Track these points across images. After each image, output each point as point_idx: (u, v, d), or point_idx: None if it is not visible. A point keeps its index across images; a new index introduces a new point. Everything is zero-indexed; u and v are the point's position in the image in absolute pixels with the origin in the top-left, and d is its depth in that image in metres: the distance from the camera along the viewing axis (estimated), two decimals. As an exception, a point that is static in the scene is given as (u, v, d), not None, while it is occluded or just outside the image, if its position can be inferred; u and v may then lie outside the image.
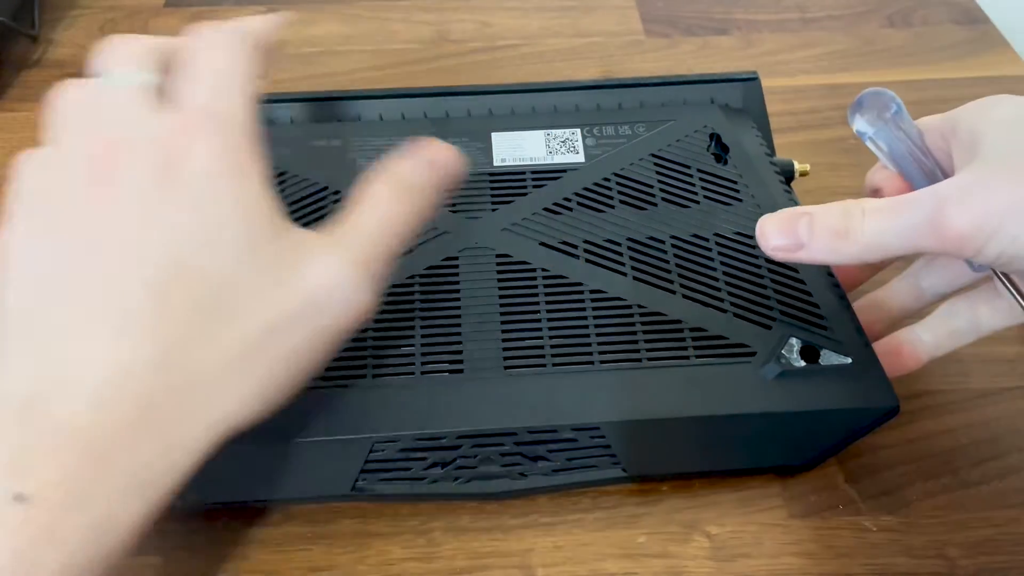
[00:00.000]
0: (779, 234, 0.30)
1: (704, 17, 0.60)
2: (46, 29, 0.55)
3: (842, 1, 0.62)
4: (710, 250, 0.36)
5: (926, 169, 0.32)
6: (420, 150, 0.29)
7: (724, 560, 0.34)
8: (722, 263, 0.35)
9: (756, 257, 0.36)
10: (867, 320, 0.36)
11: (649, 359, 0.33)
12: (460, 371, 0.32)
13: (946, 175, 0.32)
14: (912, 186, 0.33)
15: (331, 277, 0.26)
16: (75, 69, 0.53)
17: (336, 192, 0.38)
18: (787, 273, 0.35)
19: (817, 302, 0.34)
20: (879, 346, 0.35)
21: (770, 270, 0.35)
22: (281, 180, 0.38)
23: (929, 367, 0.36)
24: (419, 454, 0.32)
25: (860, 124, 0.33)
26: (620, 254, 0.36)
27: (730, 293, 0.34)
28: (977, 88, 0.54)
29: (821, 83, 0.55)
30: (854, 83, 0.55)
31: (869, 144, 0.34)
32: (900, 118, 0.33)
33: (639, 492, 0.36)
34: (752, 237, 0.35)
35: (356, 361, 0.33)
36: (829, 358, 0.32)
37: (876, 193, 0.34)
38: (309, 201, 0.37)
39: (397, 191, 0.28)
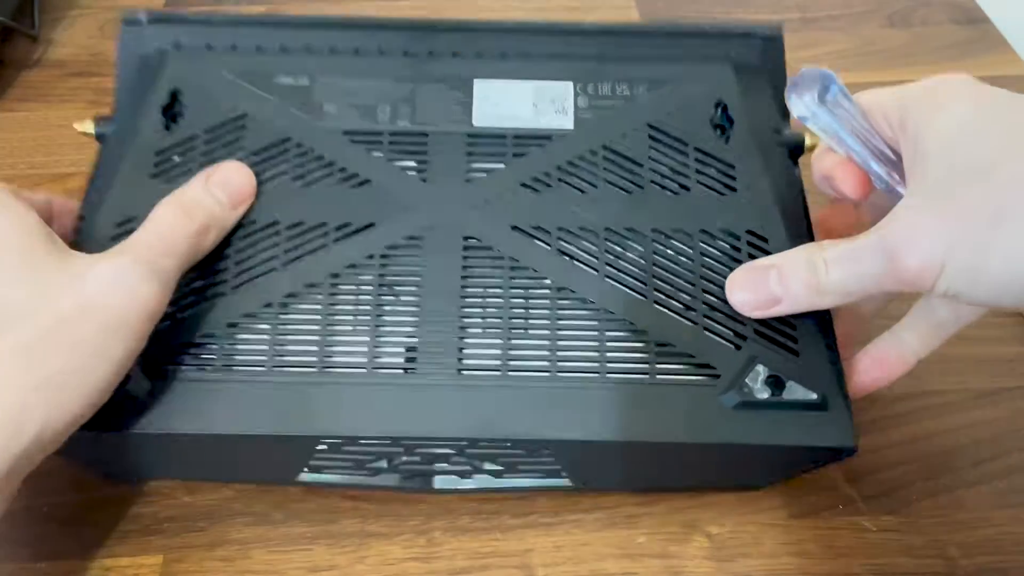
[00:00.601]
0: (751, 292, 0.31)
1: (704, 17, 0.60)
2: (46, 29, 0.55)
3: (842, 1, 0.62)
4: (691, 250, 0.33)
5: (873, 149, 0.31)
6: (210, 174, 0.33)
7: (724, 560, 0.34)
8: (702, 266, 0.33)
9: (738, 262, 0.32)
10: (844, 328, 0.34)
11: (609, 372, 0.31)
12: (413, 370, 0.31)
13: (896, 155, 0.31)
14: (862, 167, 0.31)
15: (111, 273, 0.28)
16: (75, 69, 0.53)
17: (299, 145, 0.35)
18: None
19: (793, 323, 0.32)
20: (862, 358, 0.34)
21: None
22: (240, 125, 0.35)
23: (929, 367, 0.36)
24: (364, 452, 0.32)
25: (798, 107, 0.31)
26: (595, 246, 0.33)
27: (705, 303, 0.32)
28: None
29: (821, 83, 0.55)
30: (855, 83, 0.54)
31: (811, 126, 0.31)
32: (840, 98, 0.31)
33: (639, 492, 0.36)
34: (738, 238, 0.33)
35: (305, 349, 0.31)
36: (794, 391, 0.30)
37: (828, 181, 0.32)
38: (267, 155, 0.34)
39: (176, 210, 0.31)
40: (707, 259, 0.33)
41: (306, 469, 0.34)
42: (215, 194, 0.32)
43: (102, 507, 0.35)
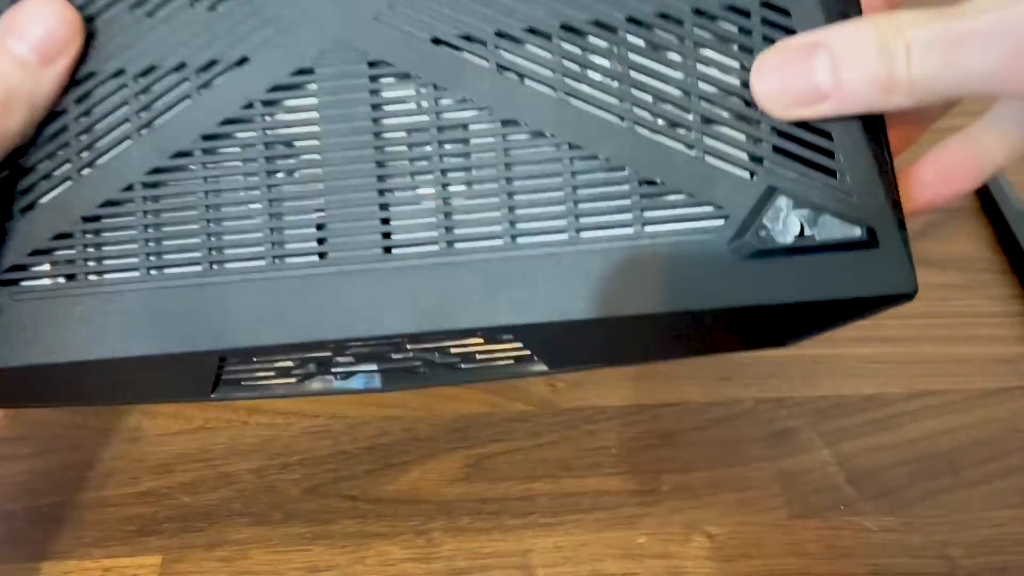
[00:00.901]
0: (787, 79, 0.23)
1: None
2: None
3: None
4: (682, 41, 0.24)
5: None
6: (5, 23, 0.24)
7: (724, 560, 0.34)
8: (698, 63, 0.24)
9: (749, 52, 0.24)
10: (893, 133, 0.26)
11: (582, 229, 0.24)
12: (324, 255, 0.25)
13: None
14: None
15: None
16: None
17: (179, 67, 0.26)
18: None
19: (829, 130, 0.24)
20: (925, 167, 0.26)
21: None
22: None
23: (930, 367, 0.36)
24: (283, 359, 0.27)
25: None
26: (548, 53, 0.25)
27: (704, 117, 0.24)
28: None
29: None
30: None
31: None
32: None
33: (639, 492, 0.36)
34: (747, 15, 0.24)
35: (186, 242, 0.25)
36: (830, 228, 0.23)
37: None
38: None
39: None
40: (705, 52, 0.25)
41: (220, 385, 0.29)
42: (13, 50, 0.24)
43: (101, 507, 0.35)
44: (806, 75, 0.23)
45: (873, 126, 0.24)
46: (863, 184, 0.24)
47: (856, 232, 0.23)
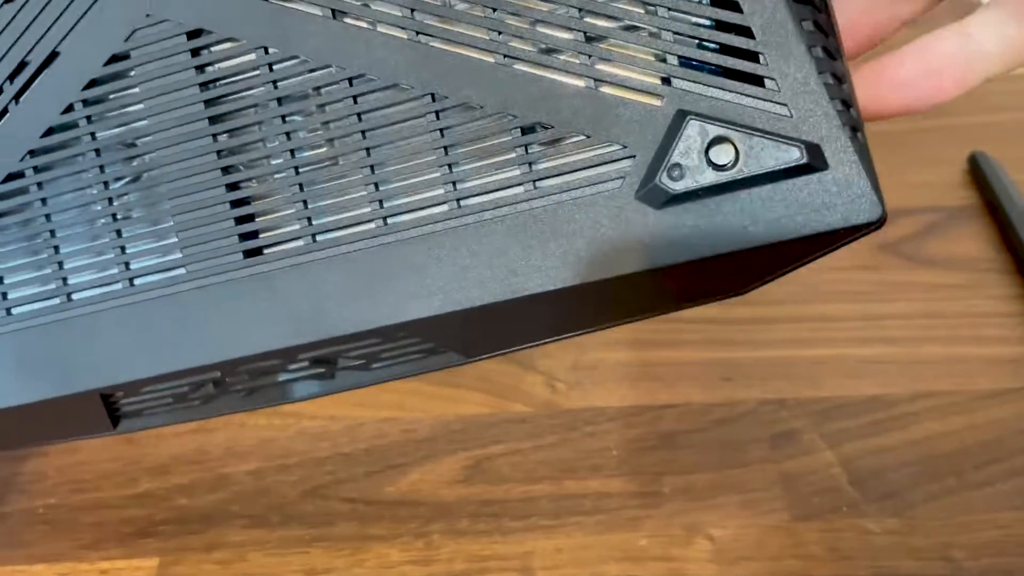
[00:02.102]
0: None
1: None
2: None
3: None
4: None
5: None
6: None
7: (726, 563, 0.34)
8: None
9: None
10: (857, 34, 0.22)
11: (462, 197, 0.20)
12: (180, 270, 0.22)
13: None
14: None
15: None
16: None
17: None
18: None
19: (749, 23, 0.19)
20: (905, 60, 0.22)
21: None
22: None
23: (932, 368, 0.35)
24: (172, 386, 0.24)
25: None
26: None
27: (589, 34, 0.20)
28: (981, 86, 0.53)
29: (823, 81, 0.55)
30: (856, 81, 0.54)
31: None
32: None
33: (641, 495, 0.35)
34: None
35: (34, 275, 0.23)
36: (760, 154, 0.18)
37: None
38: None
39: None
40: None
41: (121, 419, 0.26)
42: None
43: (98, 509, 0.35)
44: None
45: (807, 9, 0.19)
46: (799, 89, 0.19)
47: (794, 154, 0.18)
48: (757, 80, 0.19)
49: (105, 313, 0.22)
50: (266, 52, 0.21)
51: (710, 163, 0.19)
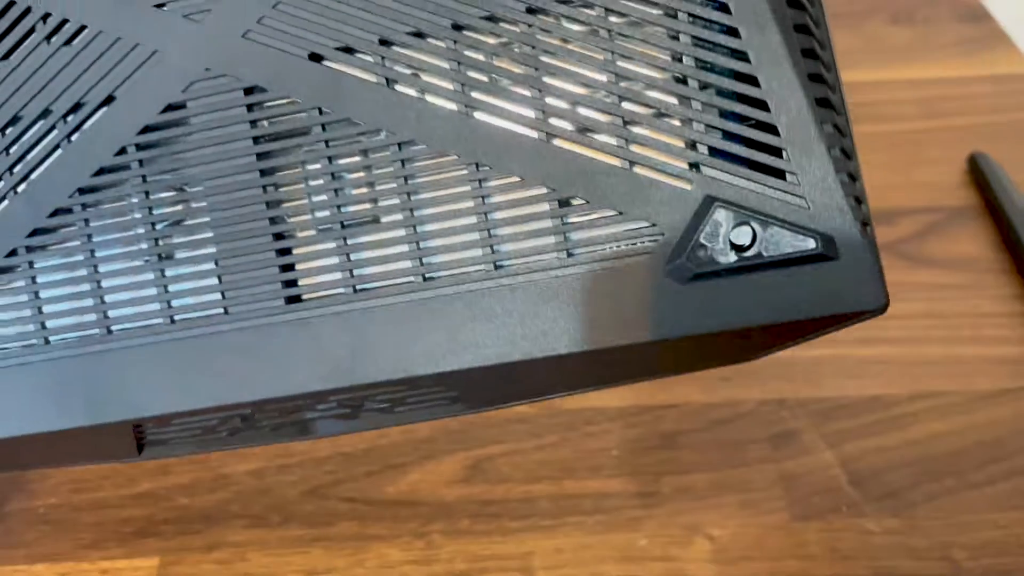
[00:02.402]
0: None
1: None
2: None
3: (844, -1, 0.61)
4: (598, 34, 0.21)
5: None
6: None
7: (726, 563, 0.34)
8: (621, 56, 0.21)
9: (677, 38, 0.21)
10: None
11: (500, 261, 0.22)
12: (224, 313, 0.23)
13: None
14: None
15: None
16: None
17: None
18: (729, 68, 0.21)
19: (775, 122, 0.20)
20: None
21: (701, 64, 0.21)
22: None
23: (933, 368, 0.35)
24: (201, 420, 0.25)
25: None
26: (442, 59, 0.22)
27: (629, 121, 0.21)
28: (981, 86, 0.53)
29: (823, 81, 0.55)
30: (857, 81, 0.54)
31: None
32: None
33: (641, 495, 0.35)
34: None
35: (78, 306, 0.23)
36: (778, 242, 0.20)
37: None
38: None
39: None
40: (626, 42, 0.21)
41: (146, 446, 0.27)
42: None
43: (98, 509, 0.35)
44: None
45: (828, 113, 0.21)
46: (817, 185, 0.20)
47: (810, 244, 0.20)
48: (780, 173, 0.20)
49: (143, 347, 0.23)
50: (319, 112, 0.22)
51: (733, 246, 0.20)
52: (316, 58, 0.22)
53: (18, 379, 0.23)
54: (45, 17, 0.23)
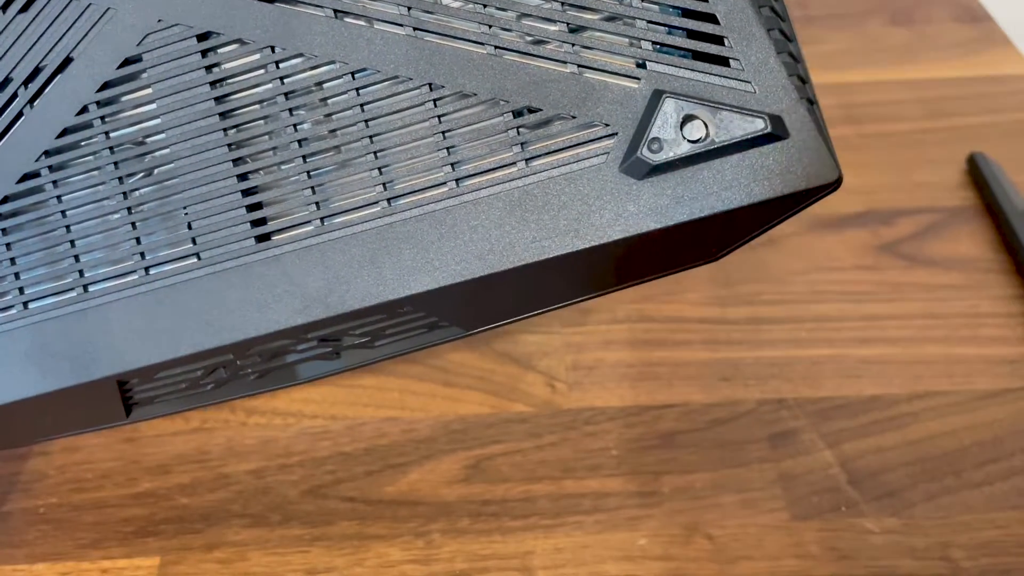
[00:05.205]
0: None
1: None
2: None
3: (844, -1, 0.61)
4: None
5: None
6: None
7: (725, 562, 0.34)
8: None
9: None
10: None
11: (461, 178, 0.22)
12: (197, 257, 0.23)
13: None
14: None
15: None
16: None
17: None
18: None
19: (713, 10, 0.21)
20: None
21: None
22: None
23: (932, 368, 0.35)
24: (186, 371, 0.26)
25: None
26: None
27: (570, 26, 0.22)
28: (980, 87, 0.54)
29: (823, 81, 0.55)
30: (857, 82, 0.54)
31: None
32: None
33: (640, 494, 0.36)
34: None
35: (52, 269, 0.24)
36: (729, 126, 0.21)
37: None
38: None
39: None
40: None
41: (133, 406, 0.28)
42: None
43: (99, 508, 0.35)
44: None
45: (768, 2, 0.22)
46: (761, 68, 0.21)
47: (759, 124, 0.21)
48: (723, 61, 0.21)
49: (121, 302, 0.23)
50: (272, 51, 0.23)
51: (685, 136, 0.21)
52: None
53: (2, 346, 0.24)
54: None
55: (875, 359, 0.40)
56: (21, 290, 0.24)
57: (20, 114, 0.24)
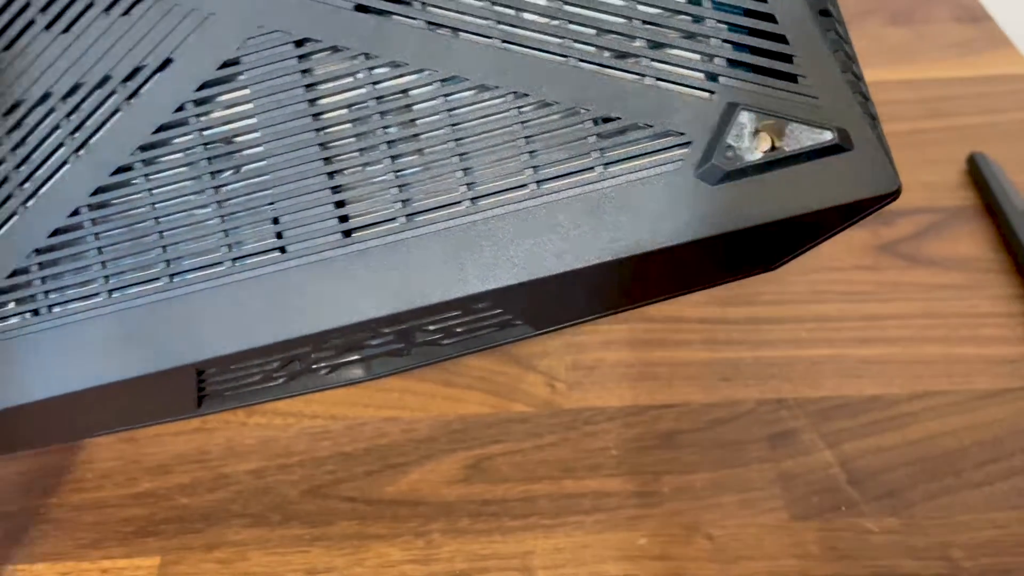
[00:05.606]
0: None
1: None
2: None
3: (844, -1, 0.61)
4: None
5: None
6: None
7: (725, 562, 0.34)
8: None
9: None
10: None
11: (542, 180, 0.23)
12: (283, 249, 0.24)
13: None
14: None
15: None
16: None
17: None
18: None
19: (784, 32, 0.23)
20: None
21: None
22: None
23: (932, 368, 0.35)
24: (264, 362, 0.26)
25: None
26: (479, 1, 0.24)
27: (649, 40, 0.23)
28: (980, 87, 0.54)
29: (823, 81, 0.55)
30: (856, 81, 0.54)
31: None
32: None
33: (640, 494, 0.36)
34: None
35: (143, 258, 0.24)
36: (799, 137, 0.22)
37: None
38: None
39: None
40: None
41: (205, 398, 0.28)
42: None
43: (99, 508, 0.35)
44: None
45: (833, 27, 0.23)
46: (827, 85, 0.23)
47: (827, 136, 0.22)
48: (792, 77, 0.23)
49: (207, 292, 0.24)
50: (366, 58, 0.24)
51: (757, 145, 0.22)
52: (362, 9, 0.24)
53: (86, 333, 0.24)
54: None
55: (875, 359, 0.40)
56: (107, 278, 0.24)
57: (118, 109, 0.25)
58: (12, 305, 0.25)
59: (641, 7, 0.23)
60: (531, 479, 0.36)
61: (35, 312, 0.24)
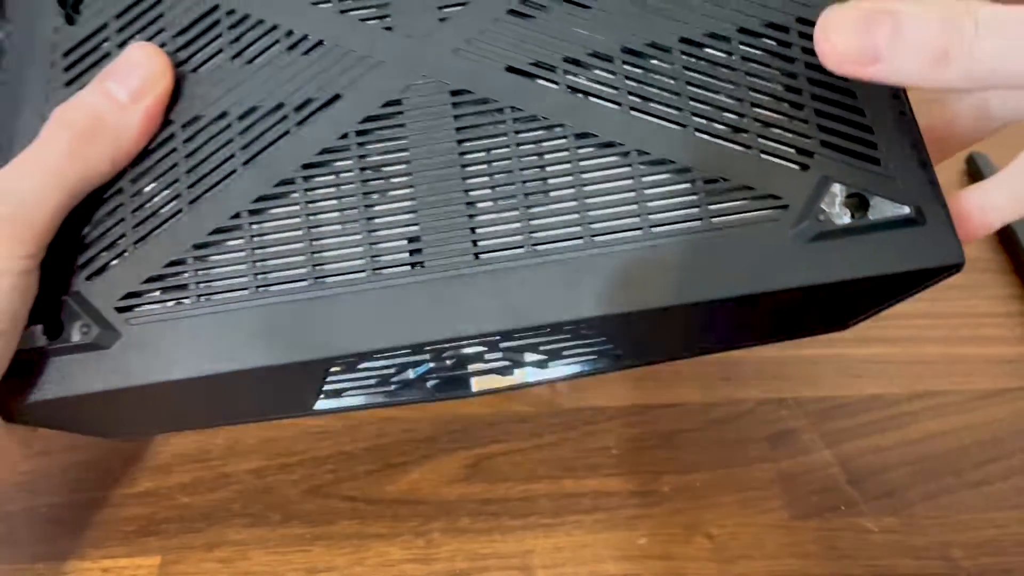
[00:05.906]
0: (849, 36, 0.23)
1: None
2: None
3: (844, 0, 0.61)
4: (731, 56, 0.28)
5: None
6: (107, 69, 0.27)
7: (725, 561, 0.34)
8: (747, 74, 0.28)
9: (792, 62, 0.28)
10: None
11: (654, 225, 0.27)
12: (421, 264, 0.27)
13: None
14: None
15: None
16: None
17: (230, 13, 0.29)
18: (833, 84, 0.28)
19: (869, 124, 0.27)
20: None
21: (811, 81, 0.28)
22: (156, 0, 0.30)
23: (931, 368, 0.36)
24: (383, 366, 0.29)
25: None
26: (612, 73, 0.28)
27: (757, 120, 0.27)
28: (979, 87, 0.54)
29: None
30: (856, 82, 0.55)
31: None
32: None
33: (640, 493, 0.36)
34: (788, 31, 0.28)
35: (291, 260, 0.27)
36: (881, 208, 0.26)
37: None
38: (195, 33, 0.29)
39: (54, 127, 0.26)
40: (752, 65, 0.28)
41: (322, 396, 0.31)
42: (107, 89, 0.27)
43: (100, 508, 0.35)
44: (867, 36, 0.23)
45: (904, 119, 0.27)
46: (904, 169, 0.27)
47: (905, 211, 0.26)
48: (875, 160, 0.27)
49: (347, 296, 0.27)
50: (512, 110, 0.28)
51: (845, 212, 0.26)
52: (512, 70, 0.28)
53: (231, 322, 0.27)
54: (288, 32, 0.29)
55: (875, 359, 0.40)
56: (257, 275, 0.27)
57: (287, 132, 0.28)
58: (165, 292, 0.27)
59: (752, 92, 0.27)
60: (531, 478, 0.36)
61: (186, 300, 0.27)
